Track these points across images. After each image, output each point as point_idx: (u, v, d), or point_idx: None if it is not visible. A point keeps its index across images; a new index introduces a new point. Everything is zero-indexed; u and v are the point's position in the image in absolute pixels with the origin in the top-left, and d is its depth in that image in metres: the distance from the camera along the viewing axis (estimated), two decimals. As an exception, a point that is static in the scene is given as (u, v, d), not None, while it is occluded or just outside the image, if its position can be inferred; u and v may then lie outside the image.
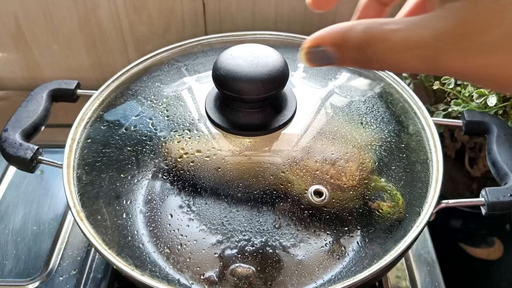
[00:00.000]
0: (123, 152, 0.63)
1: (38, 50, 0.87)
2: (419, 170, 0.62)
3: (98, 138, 0.64)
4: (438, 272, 0.63)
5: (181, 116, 0.64)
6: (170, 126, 0.64)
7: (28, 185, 0.74)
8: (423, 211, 0.55)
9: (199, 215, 0.61)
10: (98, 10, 0.81)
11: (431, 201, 0.55)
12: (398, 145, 0.68)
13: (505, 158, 0.56)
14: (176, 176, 0.63)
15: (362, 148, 0.69)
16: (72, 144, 0.61)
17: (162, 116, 0.65)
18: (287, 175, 0.64)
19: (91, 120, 0.65)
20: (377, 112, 0.72)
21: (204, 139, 0.63)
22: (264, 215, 0.66)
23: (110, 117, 0.67)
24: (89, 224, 0.56)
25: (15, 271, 0.63)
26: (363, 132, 0.71)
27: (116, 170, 0.63)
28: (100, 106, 0.67)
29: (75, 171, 0.60)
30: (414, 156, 0.64)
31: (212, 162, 0.63)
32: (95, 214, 0.59)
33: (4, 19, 0.82)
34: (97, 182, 0.62)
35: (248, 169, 0.63)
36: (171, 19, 0.82)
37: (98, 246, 0.53)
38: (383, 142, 0.70)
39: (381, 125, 0.72)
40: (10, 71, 0.90)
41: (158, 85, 0.70)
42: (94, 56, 0.87)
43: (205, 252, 0.62)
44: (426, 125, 0.63)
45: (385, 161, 0.70)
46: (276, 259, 0.61)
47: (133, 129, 0.65)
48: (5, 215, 0.70)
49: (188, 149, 0.63)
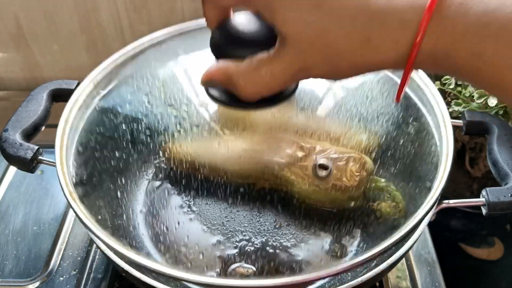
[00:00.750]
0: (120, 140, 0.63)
1: (38, 50, 0.87)
2: (420, 171, 0.62)
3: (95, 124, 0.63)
4: (438, 272, 0.63)
5: (179, 93, 0.63)
6: (166, 102, 0.63)
7: (28, 185, 0.74)
8: (423, 211, 0.55)
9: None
10: (98, 10, 0.81)
11: (432, 201, 0.55)
12: (400, 145, 0.68)
13: (506, 158, 0.56)
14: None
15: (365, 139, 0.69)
16: (65, 126, 0.60)
17: (158, 94, 0.64)
18: (292, 151, 0.63)
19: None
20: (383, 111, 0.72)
21: (202, 117, 0.61)
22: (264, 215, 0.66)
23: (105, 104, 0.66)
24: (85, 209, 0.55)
25: (15, 271, 0.63)
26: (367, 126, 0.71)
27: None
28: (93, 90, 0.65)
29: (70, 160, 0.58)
30: (417, 155, 0.64)
31: (210, 138, 0.62)
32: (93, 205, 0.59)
33: (4, 19, 0.82)
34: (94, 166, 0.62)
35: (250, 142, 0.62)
36: (171, 19, 0.82)
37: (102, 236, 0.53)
38: (385, 141, 0.70)
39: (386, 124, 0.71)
40: (10, 71, 0.90)
41: (154, 64, 0.69)
42: (95, 56, 0.87)
43: (206, 251, 0.62)
44: (441, 123, 0.61)
45: (385, 161, 0.70)
46: (276, 259, 0.61)
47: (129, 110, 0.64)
48: (5, 215, 0.70)
49: (186, 126, 0.62)
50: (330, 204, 0.65)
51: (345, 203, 0.64)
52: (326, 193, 0.63)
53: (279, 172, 0.64)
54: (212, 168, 0.68)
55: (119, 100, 0.67)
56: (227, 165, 0.66)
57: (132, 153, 0.71)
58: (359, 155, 0.63)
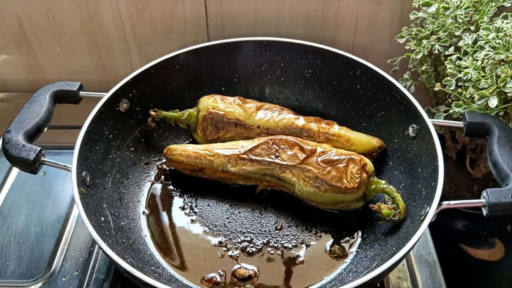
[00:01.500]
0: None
1: (41, 52, 0.87)
2: (420, 172, 0.63)
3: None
4: (439, 273, 0.63)
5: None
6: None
7: (31, 186, 0.74)
8: (424, 212, 0.55)
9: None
10: (100, 12, 0.81)
11: (432, 202, 0.55)
12: (398, 148, 0.69)
13: (506, 159, 0.57)
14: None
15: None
16: None
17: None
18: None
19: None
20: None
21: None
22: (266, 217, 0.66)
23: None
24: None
25: (18, 272, 0.63)
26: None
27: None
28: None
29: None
30: (415, 158, 0.64)
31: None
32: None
33: (7, 21, 0.83)
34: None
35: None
36: (173, 22, 0.83)
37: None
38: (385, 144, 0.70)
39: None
40: (13, 73, 0.90)
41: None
42: (97, 58, 0.88)
43: (208, 252, 0.62)
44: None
45: (385, 163, 0.70)
46: (277, 260, 0.61)
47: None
48: (8, 216, 0.70)
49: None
50: (331, 206, 0.65)
51: (346, 204, 0.64)
52: (327, 194, 0.63)
53: (281, 174, 0.64)
54: (214, 170, 0.68)
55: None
56: (229, 167, 0.66)
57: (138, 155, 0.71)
58: (359, 157, 0.63)
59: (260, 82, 0.79)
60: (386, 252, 0.58)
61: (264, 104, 0.73)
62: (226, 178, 0.68)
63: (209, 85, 0.78)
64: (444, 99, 0.72)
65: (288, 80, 0.78)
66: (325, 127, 0.70)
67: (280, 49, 0.76)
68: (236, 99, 0.72)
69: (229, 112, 0.71)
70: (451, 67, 0.63)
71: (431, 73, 0.72)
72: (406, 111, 0.67)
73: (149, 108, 0.72)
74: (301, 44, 0.75)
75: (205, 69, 0.77)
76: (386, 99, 0.70)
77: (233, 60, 0.77)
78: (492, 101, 0.59)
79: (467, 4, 0.66)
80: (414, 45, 0.71)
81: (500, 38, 0.60)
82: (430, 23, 0.69)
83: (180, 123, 0.73)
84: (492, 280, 0.73)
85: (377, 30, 0.83)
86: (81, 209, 0.55)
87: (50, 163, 0.58)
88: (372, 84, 0.71)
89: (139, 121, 0.72)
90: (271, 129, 0.70)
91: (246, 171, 0.66)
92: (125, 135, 0.70)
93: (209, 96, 0.73)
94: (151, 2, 0.81)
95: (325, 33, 0.84)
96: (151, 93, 0.73)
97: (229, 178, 0.68)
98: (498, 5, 0.65)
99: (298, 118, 0.70)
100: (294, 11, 0.81)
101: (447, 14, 0.67)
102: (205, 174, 0.69)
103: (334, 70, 0.75)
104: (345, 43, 0.85)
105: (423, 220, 0.54)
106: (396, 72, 0.74)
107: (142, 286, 0.50)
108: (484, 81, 0.60)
